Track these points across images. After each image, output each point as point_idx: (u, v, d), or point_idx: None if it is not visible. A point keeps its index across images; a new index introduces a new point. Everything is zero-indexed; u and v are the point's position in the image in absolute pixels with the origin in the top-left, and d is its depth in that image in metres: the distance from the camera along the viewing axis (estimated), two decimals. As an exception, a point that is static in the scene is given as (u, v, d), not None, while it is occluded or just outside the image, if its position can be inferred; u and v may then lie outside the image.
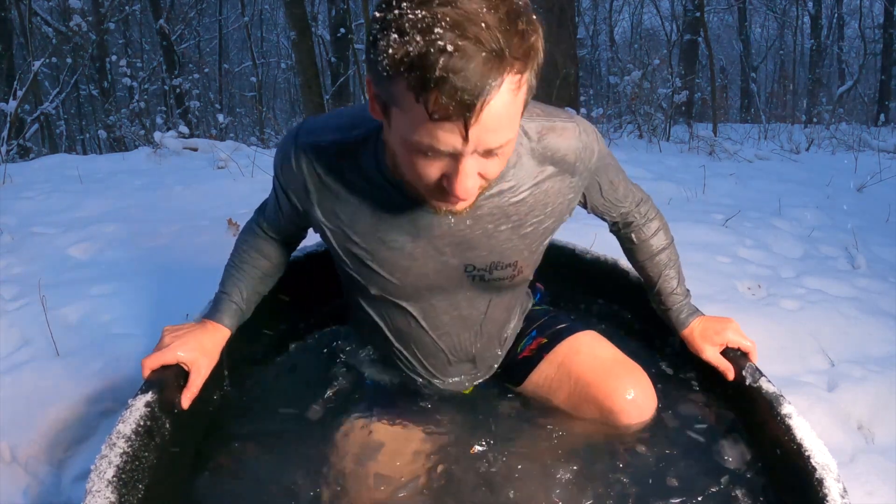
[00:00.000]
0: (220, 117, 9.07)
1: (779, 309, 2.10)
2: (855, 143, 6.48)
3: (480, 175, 0.81)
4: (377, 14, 0.73)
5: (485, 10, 0.69)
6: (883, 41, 13.72)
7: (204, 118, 12.91)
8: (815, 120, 11.36)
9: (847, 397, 1.66)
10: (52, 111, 9.27)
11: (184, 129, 5.44)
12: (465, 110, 0.70)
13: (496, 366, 1.28)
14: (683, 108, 8.64)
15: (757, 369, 1.15)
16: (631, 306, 1.52)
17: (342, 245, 1.06)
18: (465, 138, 0.74)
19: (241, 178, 3.68)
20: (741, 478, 1.09)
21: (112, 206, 3.24)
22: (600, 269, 1.56)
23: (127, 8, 12.96)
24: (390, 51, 0.70)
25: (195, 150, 4.73)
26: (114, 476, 0.91)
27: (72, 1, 9.38)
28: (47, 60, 9.02)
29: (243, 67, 16.42)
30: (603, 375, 1.17)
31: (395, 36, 0.70)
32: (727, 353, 1.20)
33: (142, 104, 10.02)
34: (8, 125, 5.47)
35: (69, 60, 10.64)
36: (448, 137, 0.74)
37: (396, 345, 1.19)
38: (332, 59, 10.48)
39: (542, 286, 1.44)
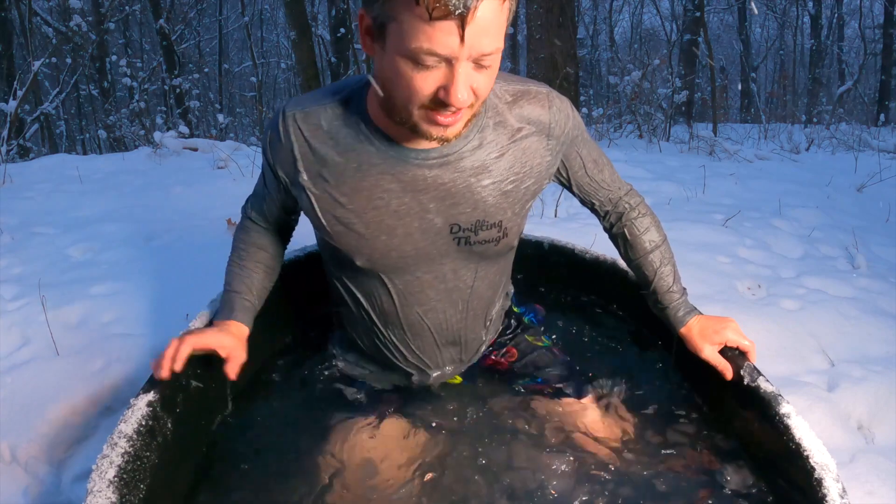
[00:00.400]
0: (220, 117, 9.07)
1: (779, 309, 2.10)
2: (855, 143, 6.48)
3: (472, 89, 0.86)
4: None
5: None
6: (883, 41, 13.72)
7: (204, 118, 12.92)
8: (815, 120, 11.37)
9: (847, 397, 1.66)
10: (52, 111, 9.27)
11: (184, 129, 5.44)
12: (461, 6, 0.77)
13: (482, 349, 1.28)
14: (683, 108, 8.65)
15: (755, 369, 1.15)
16: (631, 306, 1.52)
17: (328, 211, 1.05)
18: (462, 38, 0.79)
19: (241, 178, 3.68)
20: (739, 477, 1.09)
21: (112, 206, 3.24)
22: (600, 269, 1.57)
23: (127, 8, 12.96)
24: None
25: (195, 150, 4.73)
26: (115, 476, 0.91)
27: (72, 1, 9.39)
28: (47, 60, 9.01)
29: (243, 67, 16.43)
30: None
31: None
32: (726, 352, 1.20)
33: (142, 104, 10.02)
34: (8, 125, 5.47)
35: (69, 60, 10.64)
36: (446, 39, 0.79)
37: (383, 330, 1.18)
38: (332, 59, 10.48)
39: (543, 308, 1.44)
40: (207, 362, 1.22)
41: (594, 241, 1.99)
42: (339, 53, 10.20)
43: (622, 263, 1.46)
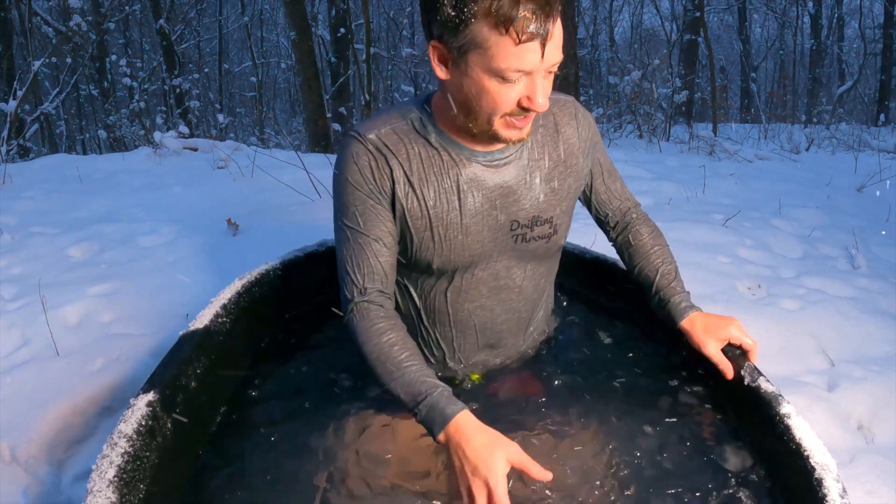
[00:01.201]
0: (220, 117, 9.07)
1: (779, 309, 2.10)
2: (855, 143, 6.48)
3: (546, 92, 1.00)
4: None
5: None
6: (883, 41, 13.71)
7: (204, 118, 12.93)
8: (815, 120, 11.37)
9: (847, 397, 1.66)
10: (52, 111, 9.27)
11: (184, 129, 5.44)
12: (544, 31, 0.93)
13: (514, 355, 1.32)
14: (683, 108, 8.65)
15: (756, 369, 1.15)
16: (631, 306, 1.52)
17: (417, 220, 1.12)
18: (543, 55, 0.95)
19: (241, 178, 3.68)
20: (740, 477, 1.09)
21: (112, 206, 3.24)
22: (601, 269, 1.57)
23: (127, 8, 12.96)
24: (473, 3, 0.91)
25: (195, 150, 4.73)
26: (115, 476, 0.91)
27: (72, 1, 9.38)
28: (47, 60, 9.01)
29: (243, 67, 16.42)
30: None
31: None
32: (727, 350, 1.20)
33: (142, 104, 10.04)
34: (8, 125, 5.47)
35: (69, 60, 10.64)
36: (530, 57, 0.94)
37: (429, 328, 1.24)
38: (332, 59, 10.48)
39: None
40: (207, 362, 1.22)
41: (594, 242, 1.99)
42: (339, 53, 10.21)
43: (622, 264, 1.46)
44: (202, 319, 1.26)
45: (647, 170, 4.12)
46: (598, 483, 1.08)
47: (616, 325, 1.52)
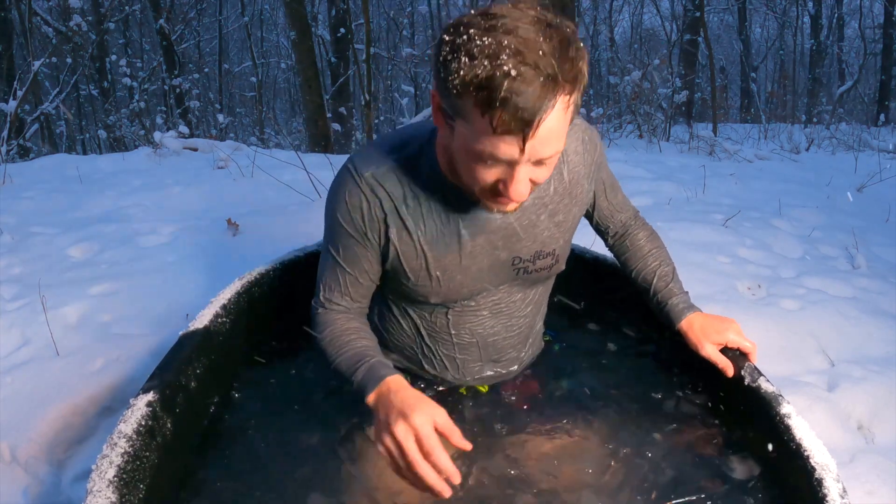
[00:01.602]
0: (220, 117, 9.07)
1: (779, 309, 2.10)
2: (855, 143, 6.48)
3: (531, 180, 0.91)
4: (446, 37, 0.84)
5: (541, 38, 0.80)
6: (883, 41, 13.71)
7: (204, 118, 12.92)
8: (815, 120, 11.37)
9: (847, 397, 1.66)
10: (52, 111, 9.27)
11: (184, 129, 5.45)
12: (524, 126, 0.82)
13: (515, 368, 1.31)
14: (683, 108, 8.65)
15: (756, 369, 1.15)
16: (631, 306, 1.52)
17: (412, 260, 1.09)
18: (522, 150, 0.84)
19: (241, 178, 3.68)
20: (740, 477, 1.09)
21: (112, 206, 3.24)
22: (600, 269, 1.57)
23: (127, 8, 12.96)
24: (461, 72, 0.81)
25: (195, 150, 4.73)
26: (115, 476, 0.91)
27: (72, 1, 9.38)
28: (47, 60, 9.01)
29: (243, 67, 16.42)
30: None
31: (466, 59, 0.81)
32: (726, 352, 1.20)
33: (142, 104, 10.04)
34: (8, 125, 5.47)
35: (69, 60, 10.64)
36: (507, 149, 0.85)
37: (431, 345, 1.23)
38: (332, 59, 10.48)
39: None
40: (207, 362, 1.22)
41: (594, 242, 1.99)
42: (339, 53, 10.21)
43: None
44: (202, 319, 1.26)
45: (647, 170, 4.11)
46: (599, 481, 1.08)
47: (616, 326, 1.52)
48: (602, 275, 1.57)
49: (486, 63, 0.80)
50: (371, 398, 0.99)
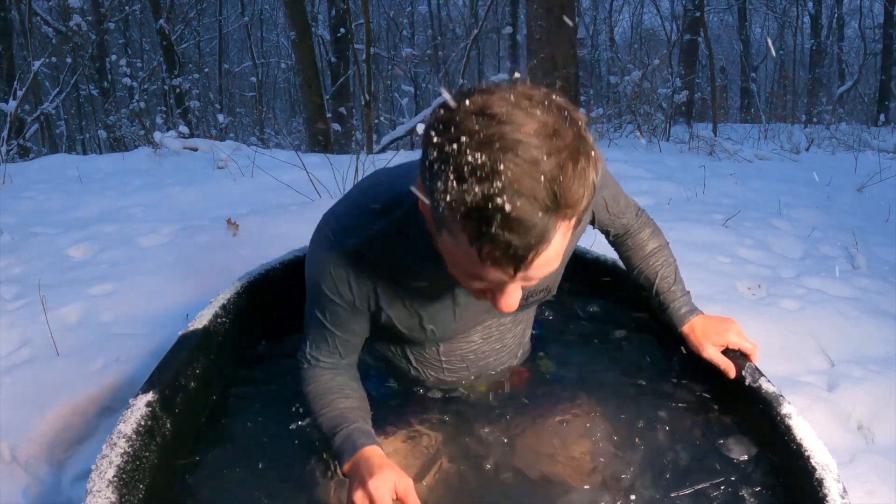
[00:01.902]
0: (220, 117, 9.08)
1: (779, 309, 2.10)
2: (855, 143, 6.48)
3: (523, 287, 0.82)
4: (434, 136, 0.71)
5: (544, 157, 0.68)
6: (883, 41, 13.72)
7: (204, 118, 12.93)
8: (815, 120, 11.37)
9: (847, 397, 1.66)
10: (52, 111, 9.27)
11: (184, 129, 5.45)
12: (516, 262, 0.71)
13: (508, 371, 1.31)
14: (683, 108, 8.65)
15: (756, 369, 1.15)
16: (631, 305, 1.52)
17: (405, 321, 1.07)
18: (513, 278, 0.75)
19: (241, 178, 3.68)
20: (741, 478, 1.09)
21: (112, 206, 3.24)
22: (600, 269, 1.57)
23: (127, 8, 12.97)
24: (448, 197, 0.69)
25: (195, 150, 4.74)
26: (115, 476, 0.91)
27: (72, 1, 9.38)
28: (47, 60, 9.01)
29: (243, 67, 16.42)
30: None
31: (454, 179, 0.69)
32: (727, 353, 1.20)
33: (142, 104, 10.04)
34: (8, 125, 5.47)
35: (69, 60, 10.64)
36: (497, 275, 0.75)
37: (419, 369, 1.22)
38: (332, 59, 10.49)
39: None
40: (207, 362, 1.22)
41: (594, 242, 1.99)
42: (339, 53, 10.21)
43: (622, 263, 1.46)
44: (202, 319, 1.26)
45: (647, 170, 4.11)
46: (597, 482, 1.08)
47: (615, 326, 1.52)
48: (602, 274, 1.57)
49: (476, 190, 0.67)
50: (346, 468, 0.99)
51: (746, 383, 1.14)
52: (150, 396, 1.04)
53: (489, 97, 0.71)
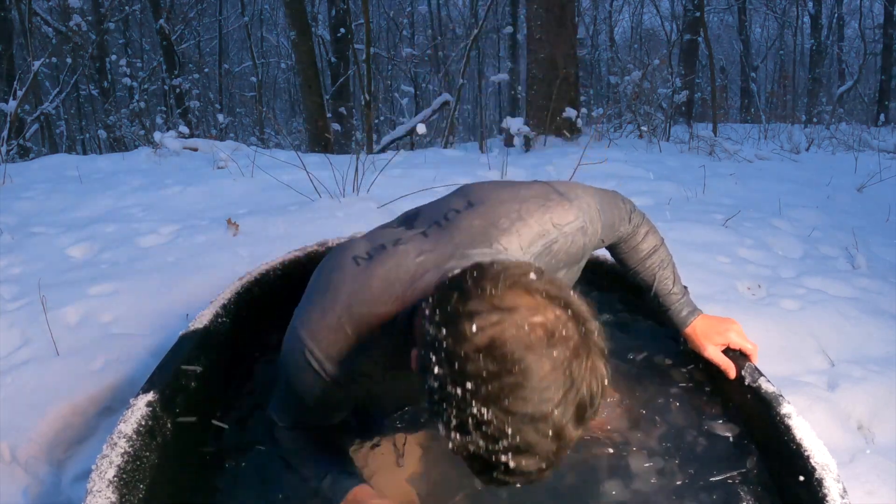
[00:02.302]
0: (220, 117, 9.08)
1: (779, 309, 2.10)
2: (855, 143, 6.48)
3: None
4: (433, 357, 0.68)
5: (557, 410, 0.65)
6: (883, 41, 13.71)
7: (204, 118, 12.93)
8: (815, 120, 11.37)
9: (847, 397, 1.66)
10: (52, 111, 9.27)
11: (184, 129, 5.45)
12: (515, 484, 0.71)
13: None
14: (683, 108, 8.65)
15: (756, 369, 1.15)
16: (631, 306, 1.52)
17: (387, 406, 1.15)
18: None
19: (241, 178, 3.67)
20: (741, 477, 1.09)
21: (112, 206, 3.24)
22: (600, 269, 1.57)
23: (127, 8, 12.97)
24: (449, 436, 0.68)
25: (195, 150, 4.74)
26: (115, 476, 0.91)
27: (72, 1, 9.38)
28: (47, 60, 9.01)
29: (243, 67, 16.42)
30: None
31: (456, 426, 0.66)
32: (727, 353, 1.20)
33: (142, 104, 10.04)
34: (8, 125, 5.47)
35: (69, 60, 10.64)
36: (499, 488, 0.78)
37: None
38: (332, 59, 10.48)
39: None
40: (207, 362, 1.22)
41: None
42: (339, 53, 10.21)
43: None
44: (202, 319, 1.26)
45: (647, 170, 4.11)
46: (595, 481, 1.08)
47: (616, 327, 1.52)
48: (601, 275, 1.57)
49: (481, 443, 0.66)
50: None
51: (746, 383, 1.14)
52: (150, 396, 1.04)
53: (499, 327, 0.65)
